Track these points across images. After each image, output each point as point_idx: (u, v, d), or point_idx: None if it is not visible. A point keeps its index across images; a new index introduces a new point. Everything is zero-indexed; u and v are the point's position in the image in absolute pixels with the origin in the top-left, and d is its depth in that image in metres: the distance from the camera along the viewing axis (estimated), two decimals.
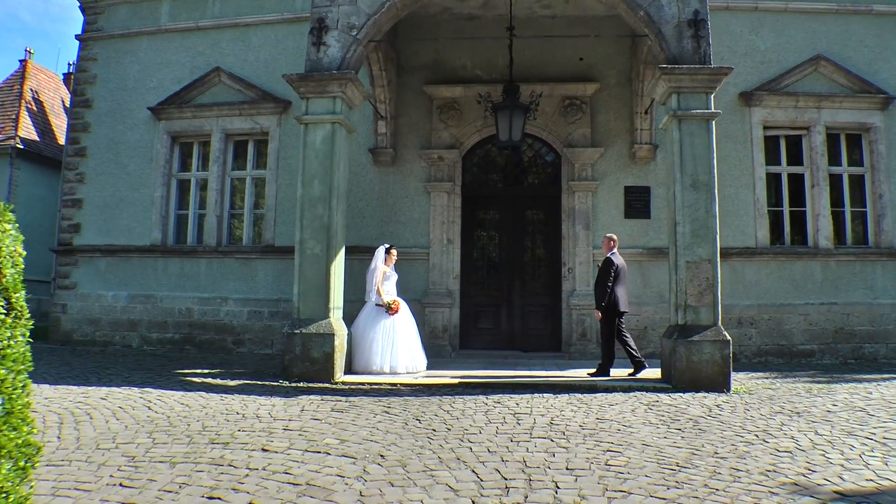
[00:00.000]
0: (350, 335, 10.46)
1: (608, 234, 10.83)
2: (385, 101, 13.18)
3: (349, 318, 12.99)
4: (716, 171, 9.78)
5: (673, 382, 9.35)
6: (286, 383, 9.57)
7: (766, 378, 10.77)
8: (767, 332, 12.79)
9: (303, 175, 10.16)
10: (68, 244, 14.96)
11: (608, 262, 10.45)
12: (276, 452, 5.81)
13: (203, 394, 8.71)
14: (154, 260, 14.40)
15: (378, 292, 10.75)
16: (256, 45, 14.53)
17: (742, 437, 6.58)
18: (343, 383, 9.57)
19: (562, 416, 7.46)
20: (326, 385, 9.49)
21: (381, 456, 5.72)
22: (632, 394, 8.97)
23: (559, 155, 13.50)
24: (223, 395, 8.66)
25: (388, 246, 11.19)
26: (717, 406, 8.18)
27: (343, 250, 10.42)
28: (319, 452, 5.82)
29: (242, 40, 14.62)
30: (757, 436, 6.62)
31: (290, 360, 9.81)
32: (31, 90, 25.24)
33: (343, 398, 8.45)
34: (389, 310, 10.62)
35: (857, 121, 13.48)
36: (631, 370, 10.38)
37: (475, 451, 5.86)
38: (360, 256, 13.24)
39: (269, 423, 7.00)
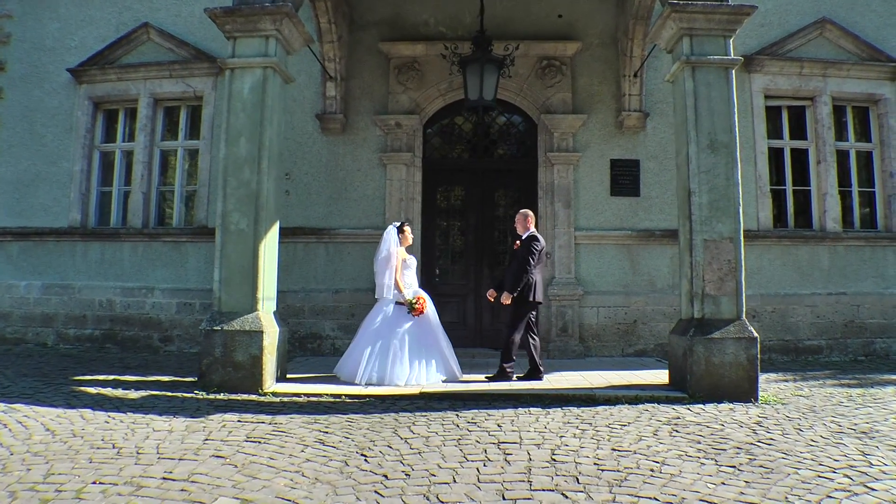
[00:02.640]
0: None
1: (524, 210, 8.53)
2: (334, 59, 10.67)
3: (291, 311, 10.56)
4: (737, 130, 7.48)
5: (689, 391, 7.07)
6: (202, 395, 7.07)
7: (785, 381, 8.57)
8: (771, 325, 10.55)
9: (227, 132, 7.65)
10: None
11: (531, 240, 8.17)
12: None
13: (88, 412, 6.22)
14: (72, 244, 11.71)
15: (398, 287, 8.15)
16: None
17: (830, 479, 4.35)
18: (274, 394, 7.09)
19: (564, 445, 5.09)
20: (252, 397, 7.00)
21: None
22: (641, 406, 6.67)
23: (535, 123, 11.11)
24: (114, 413, 6.18)
25: (399, 223, 8.65)
26: (759, 424, 5.94)
27: (277, 226, 7.92)
28: None
29: None
30: (850, 478, 4.40)
31: (208, 364, 7.30)
32: None
33: (268, 418, 5.98)
34: (413, 310, 7.98)
35: (866, 91, 11.34)
36: (521, 375, 8.17)
37: None
38: (304, 239, 10.77)
39: (147, 465, 4.53)
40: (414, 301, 7.98)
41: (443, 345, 8.06)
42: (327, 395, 6.99)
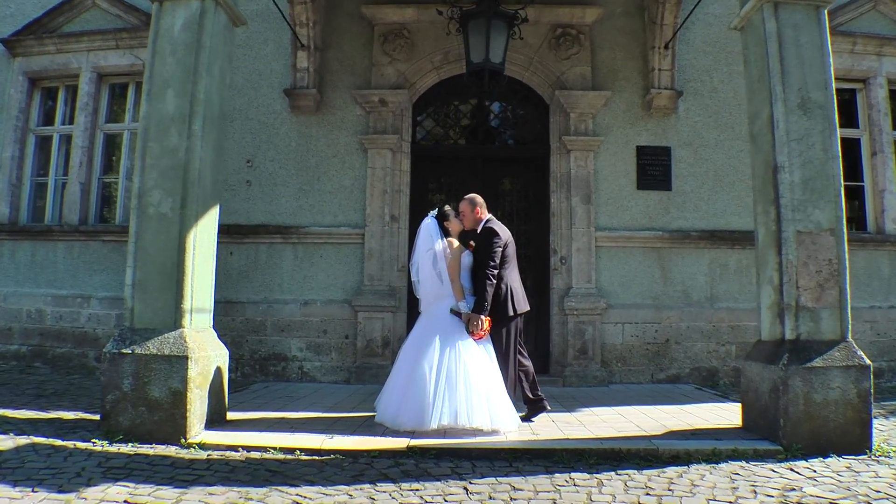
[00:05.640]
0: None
1: (468, 196, 5.96)
2: (307, 23, 8.39)
3: (251, 326, 8.27)
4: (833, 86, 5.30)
5: (783, 440, 4.79)
6: (102, 445, 4.72)
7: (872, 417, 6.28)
8: None
9: (150, 83, 5.35)
10: None
11: (489, 235, 5.64)
12: None
13: None
14: None
15: (456, 290, 5.50)
16: None
17: None
18: (201, 446, 4.72)
19: None
20: (169, 451, 4.63)
21: None
22: (726, 467, 4.41)
23: (546, 103, 8.85)
24: None
25: (437, 210, 5.82)
26: None
27: (215, 212, 5.58)
28: None
29: None
30: None
31: (113, 401, 4.95)
32: None
33: (174, 495, 3.66)
34: (474, 331, 5.34)
35: None
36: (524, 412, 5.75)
37: None
38: (268, 239, 8.45)
39: None
40: (477, 321, 5.35)
41: (498, 382, 5.40)
42: (275, 448, 4.60)
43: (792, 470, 4.35)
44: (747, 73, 5.71)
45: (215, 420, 5.19)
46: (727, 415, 5.94)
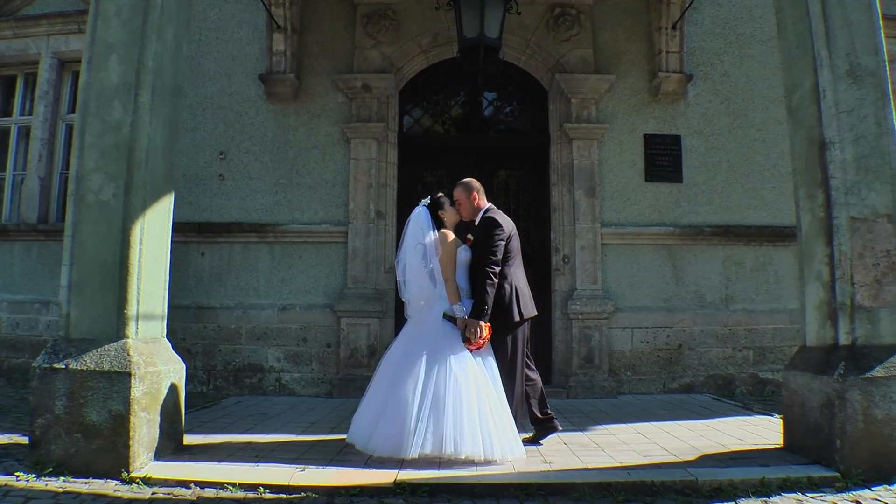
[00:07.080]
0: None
1: (464, 181, 5.05)
2: (284, 3, 7.55)
3: (224, 334, 7.40)
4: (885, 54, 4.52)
5: (840, 465, 3.98)
6: (29, 480, 3.85)
7: None
8: None
9: (90, 48, 4.47)
10: None
11: (489, 226, 4.72)
12: None
13: None
14: None
15: (451, 291, 4.59)
16: None
17: None
18: (146, 481, 3.84)
19: None
20: (106, 489, 3.75)
21: None
22: (779, 501, 3.64)
23: (545, 89, 8.03)
24: None
25: (429, 198, 4.88)
26: None
27: (169, 201, 4.69)
28: None
29: None
30: None
31: (44, 426, 4.06)
32: None
33: None
34: (471, 339, 4.40)
35: None
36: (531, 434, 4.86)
37: None
38: (242, 238, 7.59)
39: None
40: (475, 328, 4.43)
41: (504, 395, 4.54)
42: (234, 484, 3.71)
43: (859, 503, 3.54)
44: (783, 40, 4.91)
45: (168, 447, 4.30)
46: (760, 431, 5.14)
